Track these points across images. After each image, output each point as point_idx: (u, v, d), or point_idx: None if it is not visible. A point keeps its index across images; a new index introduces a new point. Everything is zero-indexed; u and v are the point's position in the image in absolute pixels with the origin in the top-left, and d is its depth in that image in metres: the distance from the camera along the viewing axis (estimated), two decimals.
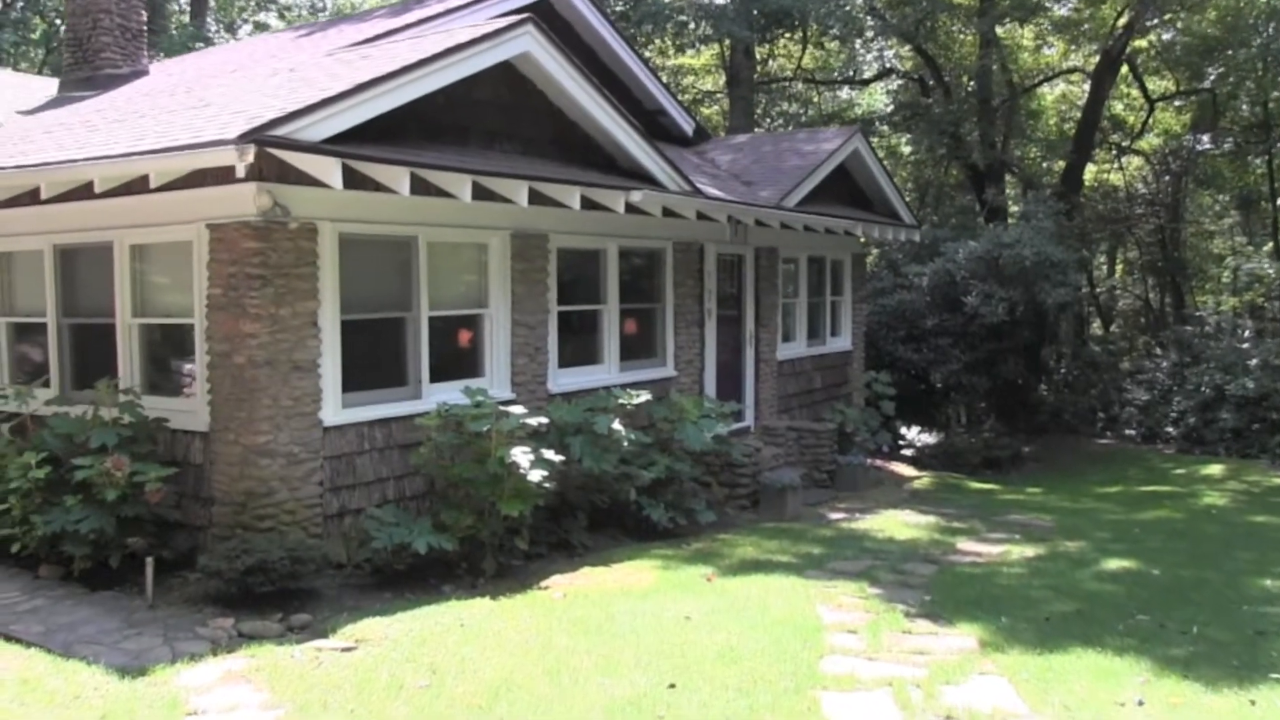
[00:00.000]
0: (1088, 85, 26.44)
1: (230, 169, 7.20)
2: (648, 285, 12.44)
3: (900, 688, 5.68)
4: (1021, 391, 22.03)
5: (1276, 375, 18.38)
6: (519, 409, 8.84)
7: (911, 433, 20.35)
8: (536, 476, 8.29)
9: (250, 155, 6.82)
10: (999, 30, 25.02)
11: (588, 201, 10.17)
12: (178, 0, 31.30)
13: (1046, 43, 27.96)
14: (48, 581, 7.71)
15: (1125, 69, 26.45)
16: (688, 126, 16.48)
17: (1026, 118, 28.52)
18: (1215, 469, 16.58)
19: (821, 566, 8.93)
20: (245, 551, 7.09)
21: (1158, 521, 11.98)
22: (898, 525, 11.23)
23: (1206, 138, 27.94)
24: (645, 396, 10.69)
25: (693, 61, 30.52)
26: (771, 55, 29.68)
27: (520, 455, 8.26)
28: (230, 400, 7.86)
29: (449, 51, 8.54)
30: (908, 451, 18.67)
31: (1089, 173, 28.39)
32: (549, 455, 8.55)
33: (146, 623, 6.79)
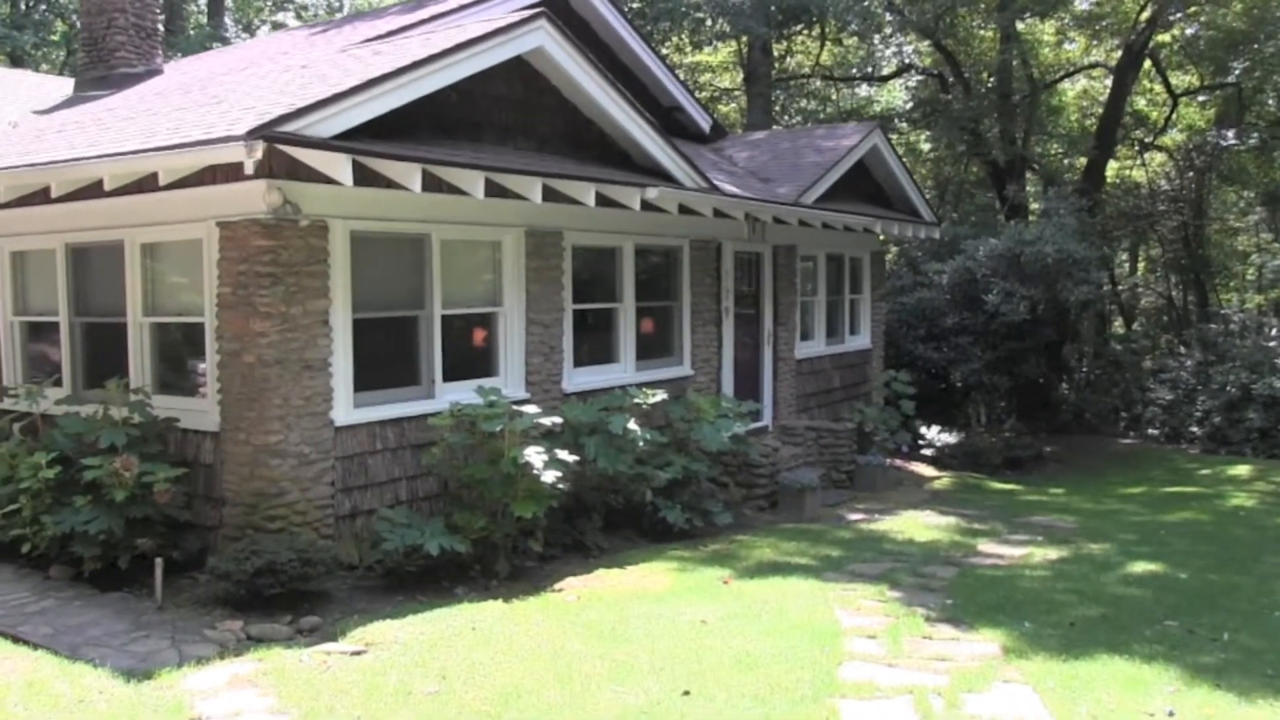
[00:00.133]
0: (1109, 80, 26.13)
1: (240, 166, 7.12)
2: (664, 283, 12.31)
3: (921, 696, 5.53)
4: (1043, 390, 21.77)
5: None
6: (532, 409, 8.73)
7: (931, 432, 20.10)
8: (550, 477, 8.17)
9: (259, 151, 6.73)
10: (1019, 25, 24.71)
11: (603, 198, 10.04)
12: (196, 1, 31.37)
13: (1068, 37, 27.62)
14: (58, 582, 7.64)
15: (1148, 64, 26.08)
16: (705, 123, 16.35)
17: (1047, 114, 28.19)
18: (1242, 469, 16.31)
19: (840, 569, 8.78)
20: (254, 553, 7.00)
21: (1184, 523, 11.76)
22: (918, 526, 11.07)
23: (1231, 133, 27.51)
24: (661, 396, 10.56)
25: (710, 59, 30.34)
26: (789, 52, 29.47)
27: (534, 456, 8.14)
28: (240, 400, 7.77)
29: (460, 46, 8.43)
30: (927, 451, 18.42)
31: (1111, 169, 28.04)
32: (563, 456, 8.43)
33: (155, 625, 6.71)
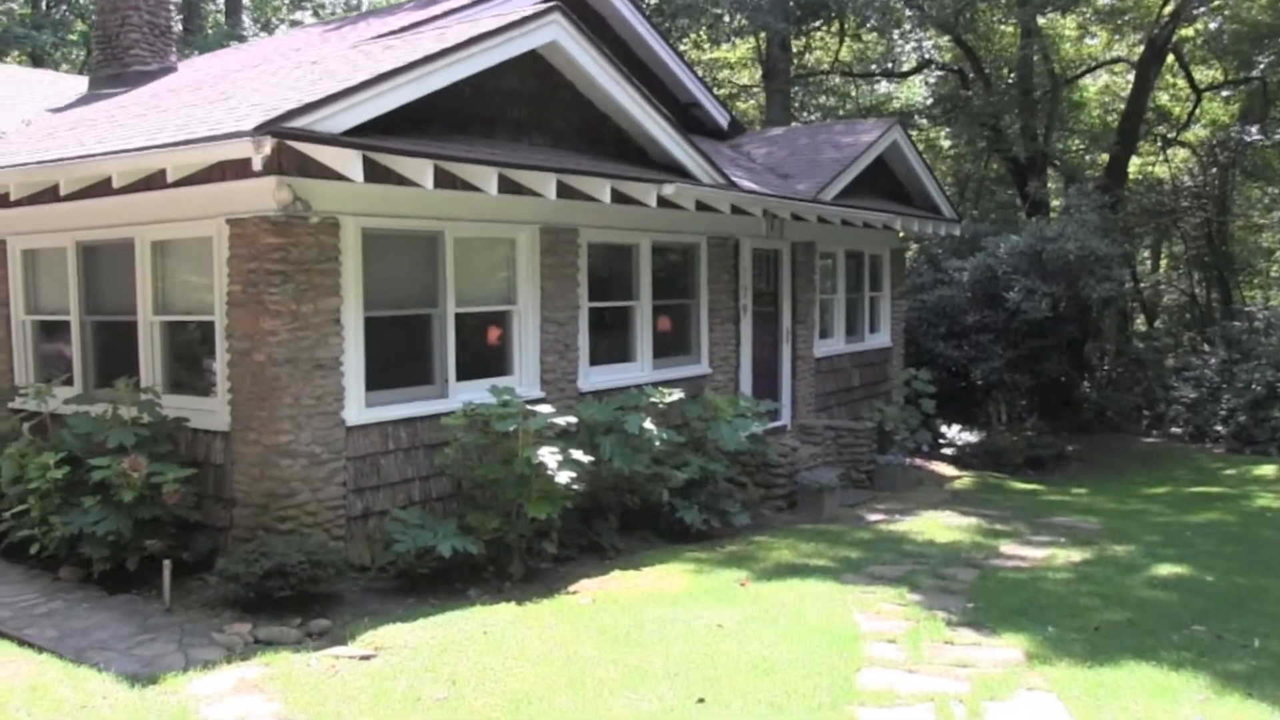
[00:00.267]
0: (1132, 76, 25.81)
1: (249, 162, 7.02)
2: (682, 281, 12.16)
3: (942, 704, 5.38)
4: (1064, 389, 21.52)
5: None
6: (547, 408, 8.61)
7: (952, 431, 19.89)
8: (564, 478, 8.05)
9: (267, 147, 6.63)
10: (1040, 20, 24.44)
11: (619, 195, 9.91)
12: (214, 0, 31.42)
13: (1089, 32, 27.33)
14: (67, 583, 7.58)
15: (1171, 58, 25.77)
16: (723, 119, 16.19)
17: (1069, 109, 27.90)
18: (1268, 469, 16.05)
19: (859, 571, 8.63)
20: (263, 555, 6.90)
21: (1210, 524, 11.54)
22: (938, 527, 10.90)
23: (1255, 128, 27.12)
24: (678, 395, 10.42)
25: (728, 55, 30.18)
26: (808, 48, 29.26)
27: (548, 456, 8.02)
28: (251, 399, 7.68)
29: (473, 41, 8.32)
30: (948, 450, 18.22)
31: (1133, 165, 27.71)
32: (577, 456, 8.31)
33: (162, 628, 6.62)
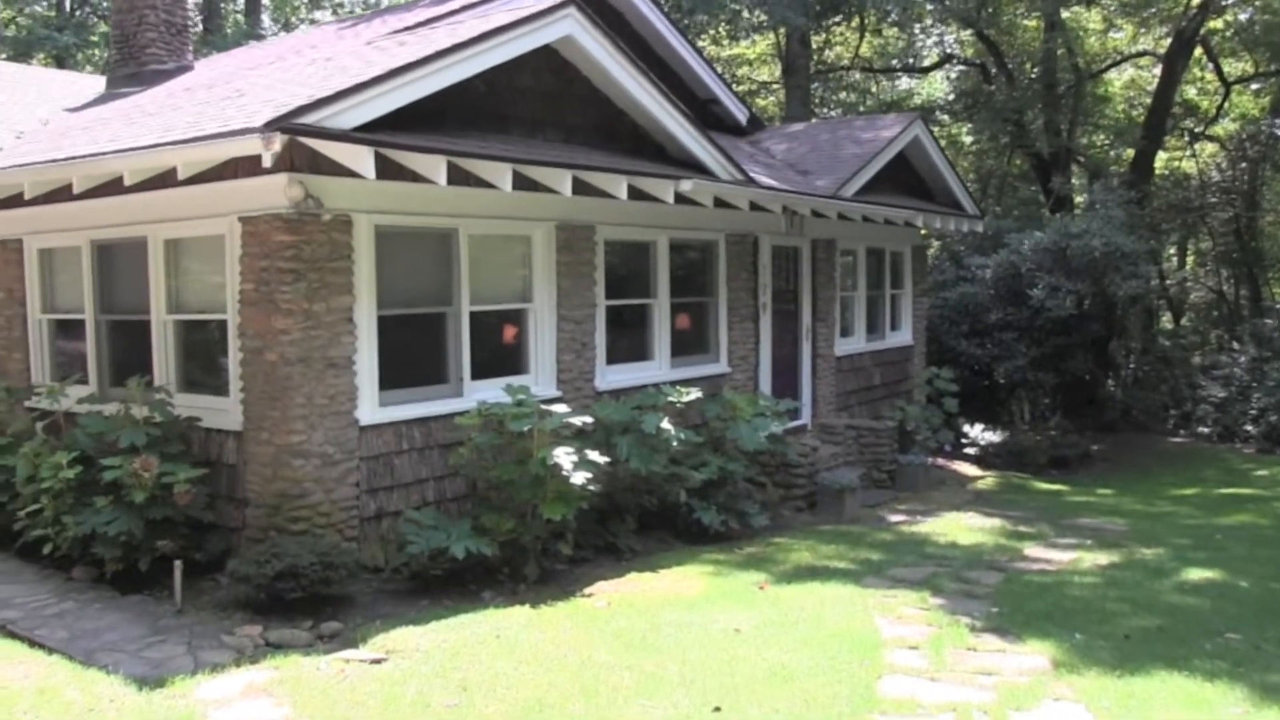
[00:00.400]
0: (1158, 69, 25.47)
1: (261, 159, 6.92)
2: (700, 278, 12.02)
3: (965, 714, 5.22)
4: (1089, 387, 21.25)
5: None
6: (562, 408, 8.49)
7: (974, 431, 19.68)
8: (580, 479, 7.93)
9: (277, 144, 6.54)
10: (1064, 13, 24.12)
11: (636, 191, 9.78)
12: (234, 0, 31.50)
13: (1114, 25, 26.97)
14: (79, 584, 7.52)
15: (1199, 51, 25.39)
16: (742, 115, 16.02)
17: (1093, 104, 27.55)
18: None
19: (881, 574, 8.48)
20: (275, 556, 6.82)
21: (1241, 527, 11.31)
22: (961, 529, 10.72)
23: None
24: (696, 394, 10.28)
25: (748, 52, 29.99)
26: (828, 44, 29.04)
27: (563, 456, 7.90)
28: (263, 398, 7.60)
29: (486, 35, 8.21)
30: (971, 450, 18.02)
31: (1160, 160, 27.35)
32: (593, 456, 8.18)
33: (172, 629, 6.54)
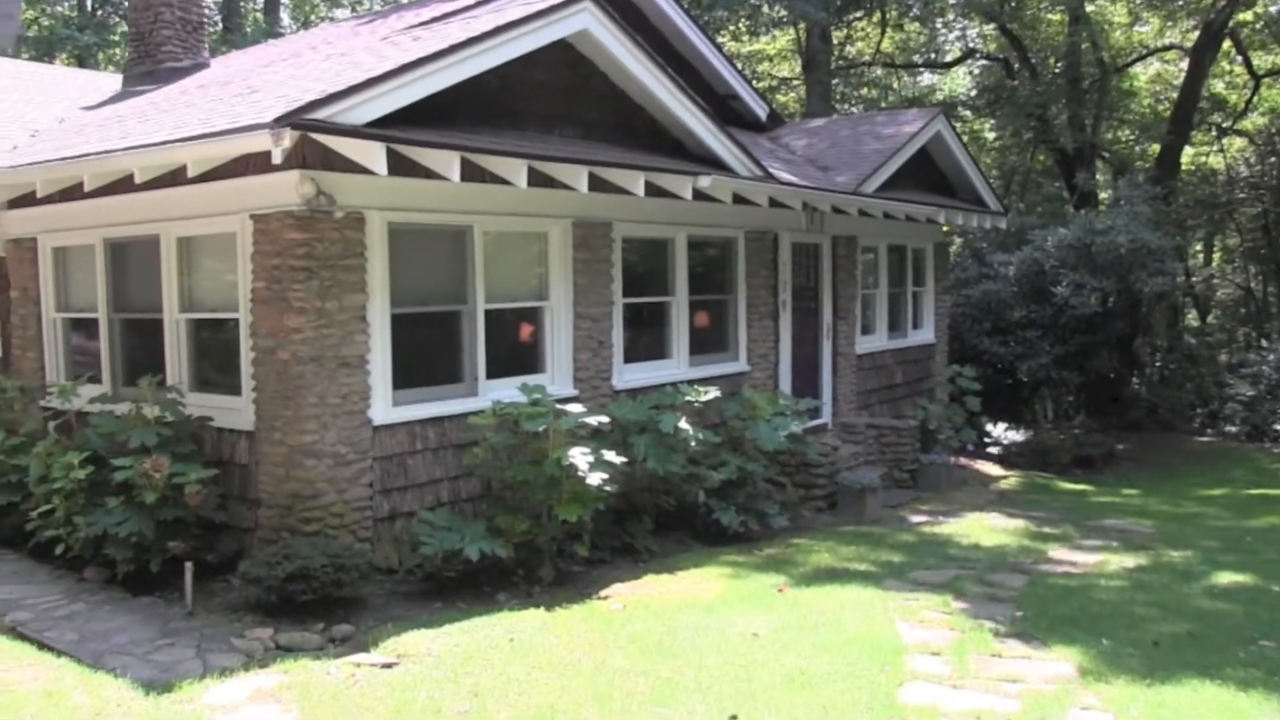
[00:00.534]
0: (1185, 63, 25.12)
1: (272, 156, 6.82)
2: (719, 276, 11.88)
3: None
4: (1114, 386, 20.97)
5: None
6: (577, 407, 8.37)
7: (997, 430, 19.45)
8: (596, 479, 7.81)
9: (286, 139, 6.44)
10: (1089, 7, 23.86)
11: (653, 188, 9.65)
12: None
13: (1140, 19, 26.64)
14: (91, 584, 7.46)
15: (1228, 44, 25.03)
16: (761, 111, 15.88)
17: (1118, 99, 27.23)
18: None
19: (902, 576, 8.32)
20: (286, 558, 6.73)
21: (1272, 529, 11.06)
22: (984, 530, 10.54)
23: None
24: (714, 393, 10.14)
25: (768, 47, 29.82)
26: (849, 39, 28.83)
27: (579, 457, 7.78)
28: (275, 398, 7.52)
29: (500, 30, 8.09)
30: (993, 449, 17.79)
31: (1186, 155, 27.00)
32: (610, 456, 8.06)
33: (182, 632, 6.47)
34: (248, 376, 7.78)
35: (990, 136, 29.59)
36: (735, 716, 5.16)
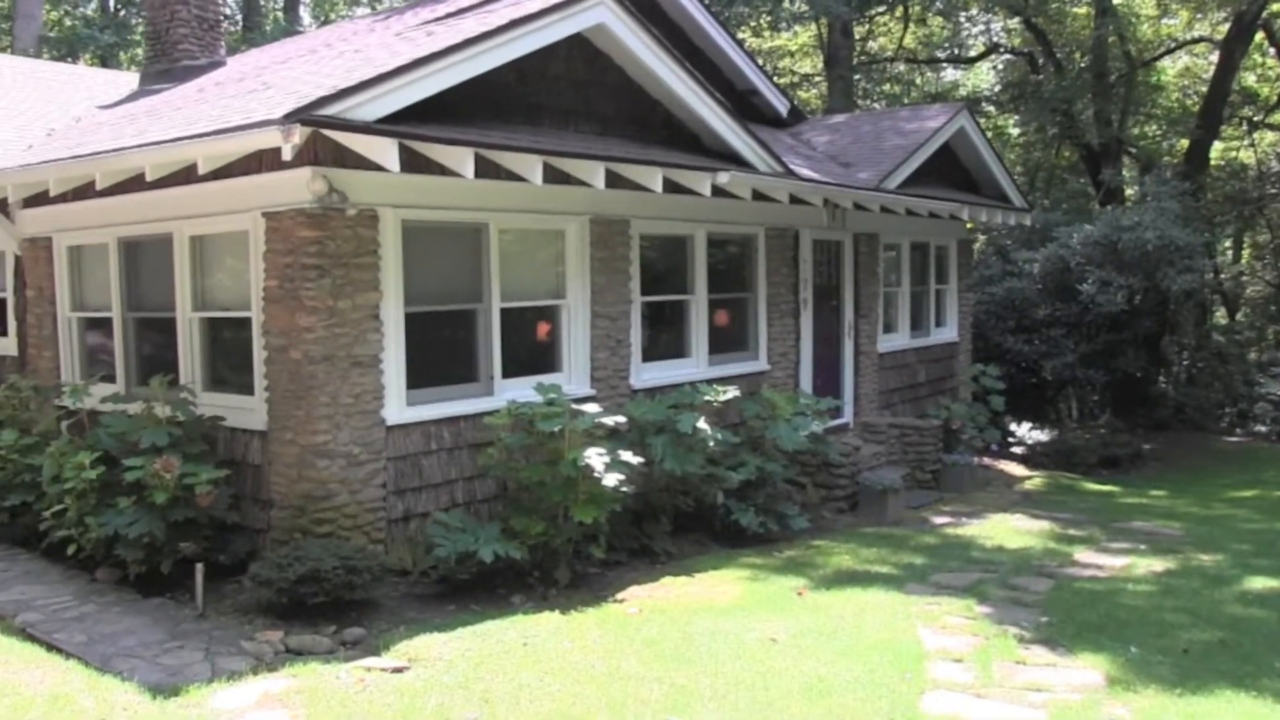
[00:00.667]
0: (1215, 56, 24.73)
1: (283, 153, 6.73)
2: (739, 274, 11.73)
3: None
4: (1140, 385, 20.67)
5: None
6: (593, 407, 8.25)
7: (1021, 429, 19.22)
8: (612, 481, 7.69)
9: (296, 136, 6.34)
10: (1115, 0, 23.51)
11: (671, 184, 9.52)
12: None
13: (1169, 11, 26.25)
14: (102, 585, 7.40)
15: (1260, 35, 24.61)
16: (782, 107, 15.71)
17: (1145, 93, 26.84)
18: None
19: (924, 580, 8.16)
20: (297, 560, 6.64)
21: None
22: (1008, 532, 10.36)
23: None
24: (734, 392, 9.99)
25: (789, 43, 29.60)
26: (871, 34, 28.59)
27: (594, 458, 7.66)
28: (287, 397, 7.44)
29: (514, 24, 7.97)
30: (1018, 449, 17.56)
31: (1215, 150, 26.58)
32: (626, 457, 7.94)
33: (191, 634, 6.38)
34: (260, 376, 7.70)
35: (1015, 132, 29.26)
36: None
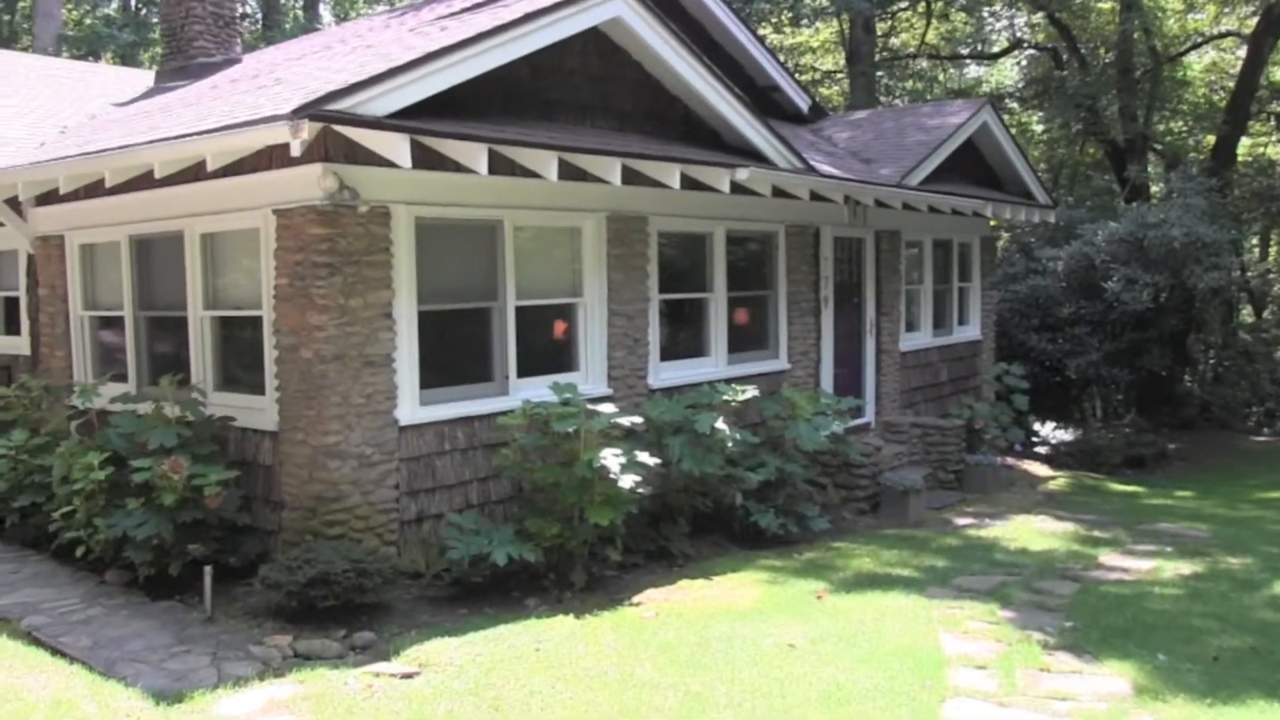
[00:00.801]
0: (1243, 50, 24.35)
1: (291, 148, 6.64)
2: (758, 271, 11.58)
3: None
4: (1165, 384, 20.36)
5: None
6: (609, 407, 8.12)
7: (1045, 429, 18.97)
8: (628, 482, 7.56)
9: (304, 131, 6.24)
10: None
11: (690, 181, 9.37)
12: None
13: (1195, 6, 25.88)
14: (111, 587, 7.31)
15: None
16: (803, 103, 15.54)
17: (1171, 89, 26.47)
18: None
19: (946, 583, 8.00)
20: (307, 562, 6.54)
21: None
22: (1031, 533, 10.17)
23: None
24: (753, 392, 9.83)
25: (811, 40, 29.39)
26: (893, 30, 28.33)
27: (610, 459, 7.52)
28: (298, 397, 7.34)
29: (528, 18, 7.85)
30: (1041, 449, 17.31)
31: (1243, 146, 26.18)
32: (643, 458, 7.81)
33: (199, 638, 6.29)
34: (270, 375, 7.61)
35: (1038, 129, 28.94)
36: None
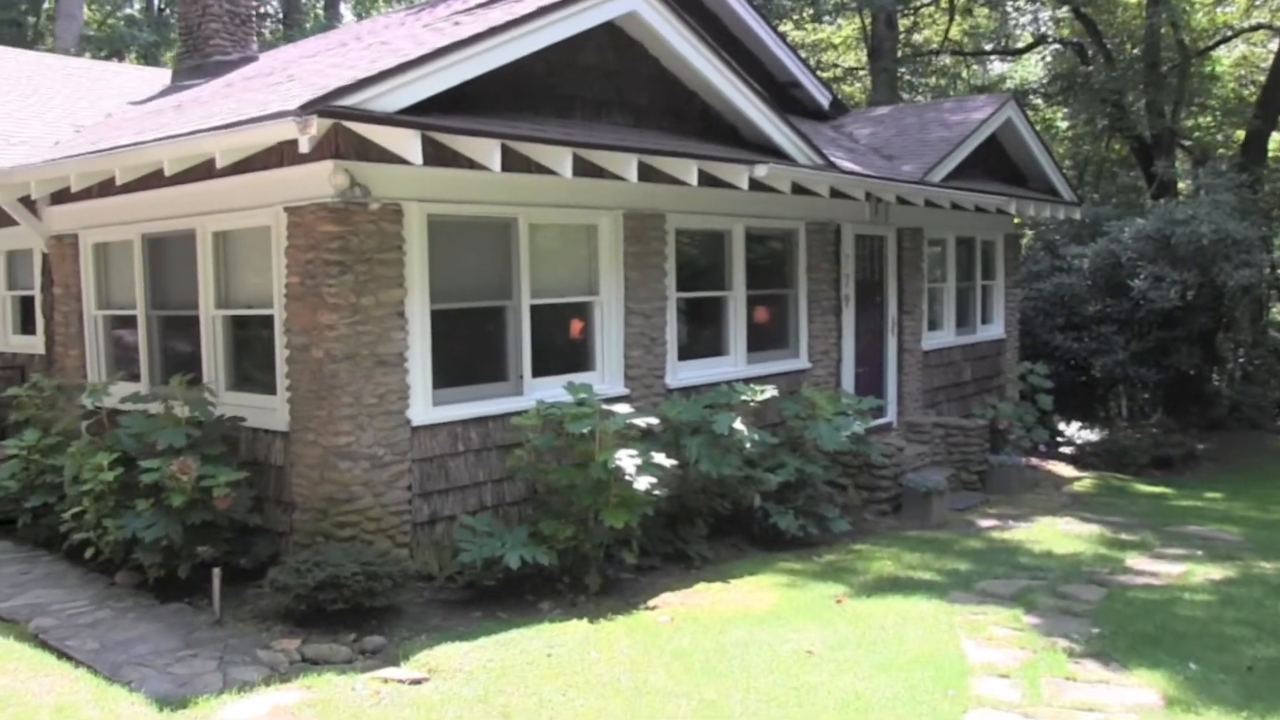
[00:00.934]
0: (1274, 44, 23.97)
1: (300, 145, 6.53)
2: (778, 269, 11.42)
3: None
4: (1193, 383, 20.04)
5: None
6: (625, 407, 7.98)
7: (1070, 429, 18.70)
8: (644, 484, 7.42)
9: (312, 127, 6.13)
10: None
11: (708, 178, 9.23)
12: None
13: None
14: (120, 589, 7.25)
15: None
16: (823, 99, 15.34)
17: (1200, 83, 26.07)
18: None
19: (969, 587, 7.82)
20: (316, 565, 6.44)
21: None
22: (1056, 536, 9.97)
23: None
24: (772, 391, 9.68)
25: (833, 36, 29.16)
26: (916, 26, 28.06)
27: (625, 460, 7.39)
28: (309, 397, 7.25)
29: (541, 12, 7.72)
30: (1066, 450, 17.04)
31: (1274, 141, 25.75)
32: (659, 459, 7.67)
33: (206, 642, 6.20)
34: (282, 375, 7.53)
35: (1063, 125, 28.59)
36: None
